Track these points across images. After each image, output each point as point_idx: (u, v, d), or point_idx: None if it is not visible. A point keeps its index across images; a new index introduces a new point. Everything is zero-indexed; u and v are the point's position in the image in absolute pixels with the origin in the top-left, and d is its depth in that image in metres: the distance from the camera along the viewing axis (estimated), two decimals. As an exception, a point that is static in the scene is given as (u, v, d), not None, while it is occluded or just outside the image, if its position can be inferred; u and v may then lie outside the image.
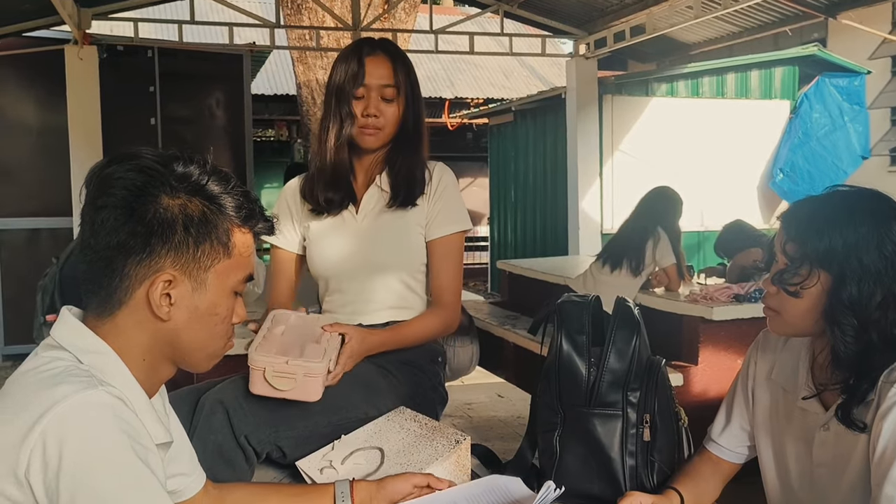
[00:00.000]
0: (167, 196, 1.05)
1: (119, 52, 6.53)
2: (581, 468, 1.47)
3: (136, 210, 1.03)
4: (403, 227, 1.89)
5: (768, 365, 1.48)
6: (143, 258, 1.04)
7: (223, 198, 1.08)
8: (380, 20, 7.85)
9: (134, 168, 1.05)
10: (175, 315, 1.07)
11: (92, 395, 0.95)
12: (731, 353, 3.96)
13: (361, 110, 1.84)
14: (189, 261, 1.06)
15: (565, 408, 1.49)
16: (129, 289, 1.05)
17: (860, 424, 1.25)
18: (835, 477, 1.32)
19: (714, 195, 7.72)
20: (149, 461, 0.97)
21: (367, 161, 1.93)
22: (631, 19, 7.20)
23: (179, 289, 1.06)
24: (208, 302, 1.09)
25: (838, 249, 1.26)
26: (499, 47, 8.40)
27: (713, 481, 1.53)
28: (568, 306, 1.54)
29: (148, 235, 1.03)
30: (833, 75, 8.08)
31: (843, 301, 1.26)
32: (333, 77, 1.88)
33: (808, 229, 1.30)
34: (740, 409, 1.52)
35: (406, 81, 1.88)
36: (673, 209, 4.48)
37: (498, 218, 10.27)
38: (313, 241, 1.94)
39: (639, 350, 1.47)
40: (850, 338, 1.27)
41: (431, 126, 11.42)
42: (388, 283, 1.87)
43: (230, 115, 7.08)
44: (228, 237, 1.09)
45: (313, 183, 1.92)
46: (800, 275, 1.30)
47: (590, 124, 7.74)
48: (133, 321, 1.06)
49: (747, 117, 8.15)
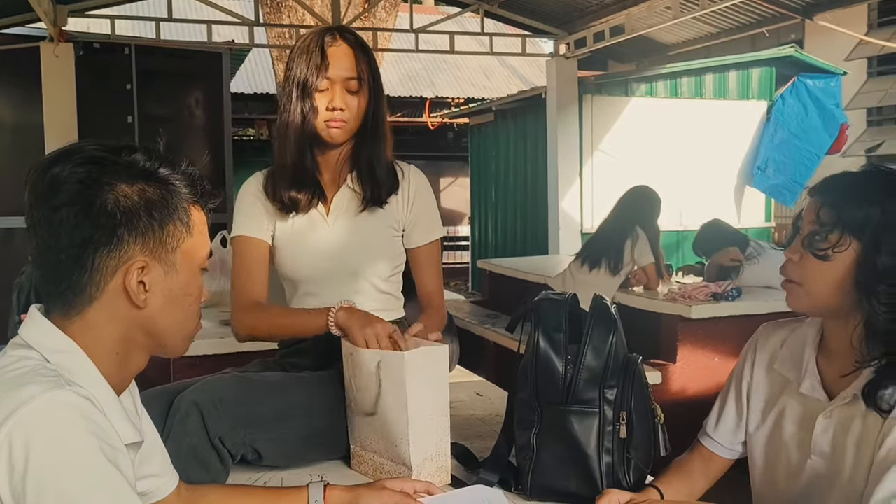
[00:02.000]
0: (124, 183, 1.03)
1: (95, 49, 6.46)
2: (558, 465, 1.47)
3: (96, 202, 1.01)
4: (377, 229, 1.86)
5: (769, 356, 1.48)
6: (111, 249, 1.02)
7: (175, 178, 1.08)
8: (360, 19, 7.84)
9: (82, 161, 1.03)
10: (151, 301, 1.06)
11: (59, 396, 0.93)
12: (709, 350, 4.00)
13: (326, 103, 1.78)
14: (157, 245, 1.05)
15: (542, 405, 1.48)
16: (100, 283, 1.03)
17: (886, 406, 1.24)
18: (830, 469, 1.33)
19: (692, 194, 7.77)
20: (118, 462, 0.95)
21: (332, 157, 1.86)
22: (610, 20, 7.24)
23: (153, 274, 1.05)
24: (181, 283, 1.09)
25: (874, 218, 1.26)
26: (479, 47, 8.40)
27: (702, 477, 1.54)
28: (545, 304, 1.53)
29: (113, 226, 1.02)
30: (810, 76, 8.16)
31: (878, 268, 1.25)
32: (294, 69, 1.79)
33: (846, 196, 1.30)
34: (735, 405, 1.53)
35: (369, 72, 1.82)
36: (651, 208, 4.51)
37: (479, 217, 10.28)
38: (283, 243, 1.88)
39: (615, 347, 1.47)
40: (885, 307, 1.25)
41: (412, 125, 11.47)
42: (363, 287, 1.85)
43: (209, 114, 7.02)
44: (188, 216, 1.09)
45: (276, 181, 1.84)
46: (830, 240, 1.29)
47: (570, 124, 7.77)
48: (106, 315, 1.04)
49: (725, 117, 8.21)
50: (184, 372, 1.82)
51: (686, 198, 7.61)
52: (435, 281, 1.94)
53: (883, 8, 9.13)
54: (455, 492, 1.49)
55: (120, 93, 6.47)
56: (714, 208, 7.21)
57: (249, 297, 1.84)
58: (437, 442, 1.55)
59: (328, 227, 1.86)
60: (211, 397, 1.56)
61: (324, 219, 1.86)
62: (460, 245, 13.74)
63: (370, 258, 1.86)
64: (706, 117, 8.15)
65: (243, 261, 1.87)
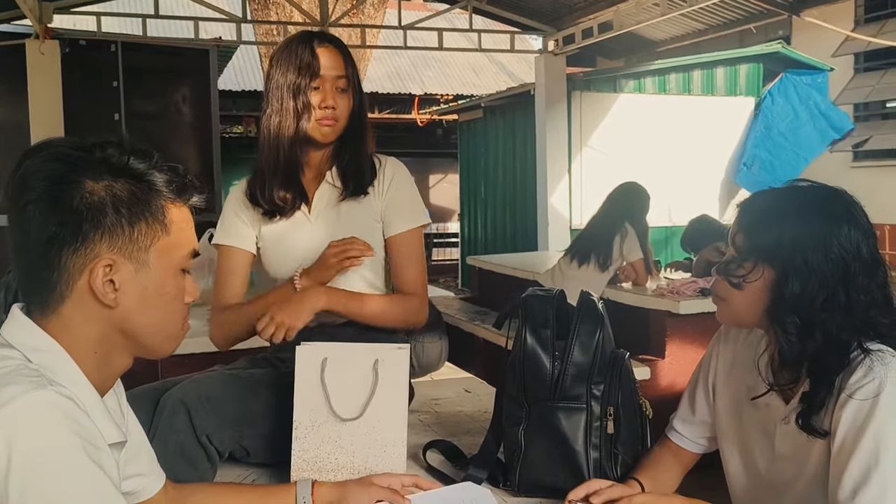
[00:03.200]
0: (90, 180, 1.01)
1: (81, 46, 6.41)
2: (545, 461, 1.47)
3: (61, 199, 0.99)
4: (358, 221, 1.86)
5: (729, 359, 1.48)
6: (77, 247, 1.00)
7: (150, 174, 1.05)
8: (348, 15, 7.82)
9: (49, 158, 1.01)
10: (122, 300, 1.03)
11: (41, 396, 0.92)
12: (698, 346, 4.00)
13: (318, 102, 1.79)
14: (126, 243, 1.02)
15: (530, 401, 1.49)
16: (68, 281, 1.01)
17: (821, 432, 1.25)
18: (797, 469, 1.33)
19: (681, 190, 7.80)
20: (101, 462, 0.94)
21: (317, 156, 1.88)
22: (599, 16, 7.25)
23: (122, 273, 1.02)
24: (155, 282, 1.06)
25: (784, 245, 1.25)
26: (468, 43, 8.41)
27: (674, 470, 1.54)
28: (532, 300, 1.54)
29: (78, 223, 1.00)
30: (797, 72, 8.21)
31: (785, 298, 1.25)
32: (283, 70, 1.79)
33: (758, 222, 1.30)
34: (702, 401, 1.53)
35: (353, 72, 1.86)
36: (640, 204, 4.52)
37: (468, 214, 10.28)
38: (269, 244, 1.89)
39: (602, 343, 1.48)
40: (793, 337, 1.26)
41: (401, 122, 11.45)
42: (348, 280, 1.85)
43: (196, 111, 6.98)
44: (164, 213, 1.06)
45: (263, 183, 1.84)
46: (744, 267, 1.29)
47: (558, 120, 7.78)
48: (80, 315, 1.02)
49: (713, 113, 8.25)
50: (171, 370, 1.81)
51: (674, 194, 7.63)
52: (412, 271, 1.89)
53: (869, 4, 9.17)
54: (443, 489, 1.49)
55: (106, 90, 6.42)
56: (702, 204, 7.24)
57: (222, 305, 1.86)
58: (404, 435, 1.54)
59: (311, 225, 1.87)
60: (198, 395, 1.56)
61: (306, 217, 1.87)
62: (450, 242, 13.74)
63: None
64: (694, 113, 8.18)
65: (221, 271, 1.90)
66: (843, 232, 1.24)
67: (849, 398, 1.21)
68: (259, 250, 1.91)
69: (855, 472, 1.19)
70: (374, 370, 1.49)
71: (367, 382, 1.49)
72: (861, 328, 1.25)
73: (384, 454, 1.50)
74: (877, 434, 1.18)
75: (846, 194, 1.30)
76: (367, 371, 1.49)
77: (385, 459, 1.49)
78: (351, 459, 1.49)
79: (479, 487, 1.49)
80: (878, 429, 1.18)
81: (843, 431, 1.22)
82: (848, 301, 1.24)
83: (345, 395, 1.49)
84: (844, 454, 1.21)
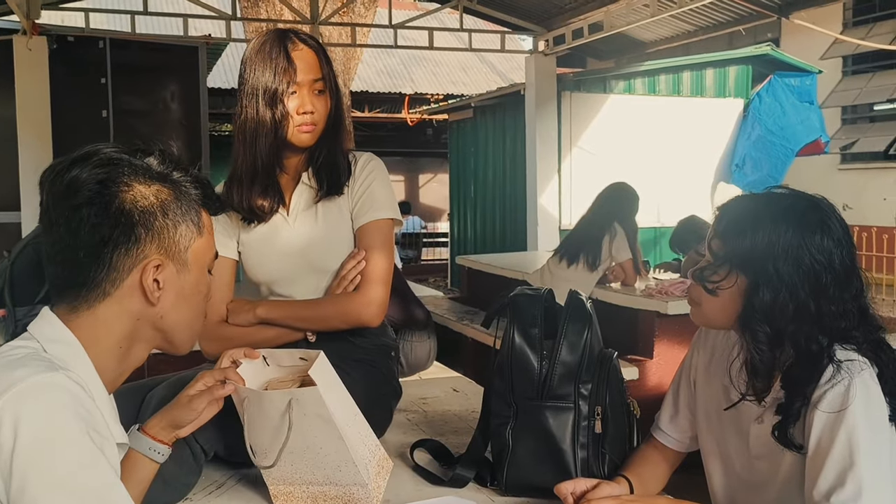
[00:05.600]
0: (141, 185, 1.08)
1: (70, 42, 6.38)
2: (533, 460, 1.46)
3: (114, 203, 1.06)
4: (336, 220, 1.83)
5: (707, 359, 1.49)
6: (129, 247, 1.07)
7: (187, 181, 1.14)
8: (338, 14, 7.80)
9: (100, 163, 1.07)
10: (163, 298, 1.10)
11: (50, 377, 0.96)
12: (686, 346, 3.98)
13: (296, 108, 1.74)
14: (171, 244, 1.10)
15: (518, 400, 1.48)
16: (116, 280, 1.07)
17: (797, 445, 1.25)
18: (772, 468, 1.34)
19: (670, 191, 7.83)
20: (104, 449, 0.96)
21: (294, 160, 1.83)
22: (589, 17, 7.27)
23: (166, 272, 1.10)
24: (192, 281, 1.14)
25: (757, 253, 1.25)
26: (458, 43, 8.42)
27: (661, 468, 1.54)
28: (521, 300, 1.53)
29: (131, 226, 1.06)
30: (785, 74, 8.25)
31: (756, 307, 1.25)
32: (257, 75, 1.73)
33: (734, 228, 1.29)
34: (685, 399, 1.53)
35: (330, 72, 1.80)
36: (629, 205, 4.53)
37: (458, 214, 10.29)
38: (248, 249, 1.86)
39: (591, 343, 1.47)
40: (763, 345, 1.26)
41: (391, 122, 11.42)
42: (330, 281, 1.84)
43: (185, 108, 6.95)
44: (199, 217, 1.15)
45: (241, 190, 1.80)
46: (718, 274, 1.29)
47: (548, 121, 7.79)
48: (117, 311, 1.08)
49: (702, 115, 8.28)
50: (158, 368, 1.79)
51: (663, 194, 7.66)
52: (373, 263, 1.79)
53: (858, 7, 9.24)
54: (427, 502, 1.48)
55: (94, 87, 6.40)
56: (691, 205, 7.26)
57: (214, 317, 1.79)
58: (368, 442, 1.44)
59: (290, 228, 1.84)
60: (183, 393, 1.55)
61: (285, 220, 1.84)
62: (439, 241, 13.74)
63: (333, 250, 1.84)
64: (683, 115, 8.22)
65: None
66: (815, 242, 1.23)
67: (819, 410, 1.21)
68: (240, 255, 1.88)
69: (830, 475, 1.19)
70: (286, 415, 1.33)
71: (284, 427, 1.34)
72: (832, 339, 1.24)
73: (340, 473, 1.39)
74: (850, 435, 1.18)
75: (824, 202, 1.30)
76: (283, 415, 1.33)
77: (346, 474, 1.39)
78: (314, 475, 1.41)
79: (463, 500, 1.47)
80: (851, 430, 1.18)
81: (818, 433, 1.22)
82: (818, 312, 1.23)
83: (266, 438, 1.38)
84: (819, 456, 1.21)
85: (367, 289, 1.79)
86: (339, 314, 1.80)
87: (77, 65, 6.40)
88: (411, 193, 16.51)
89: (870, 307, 1.30)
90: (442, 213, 13.35)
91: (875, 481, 1.17)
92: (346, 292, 1.80)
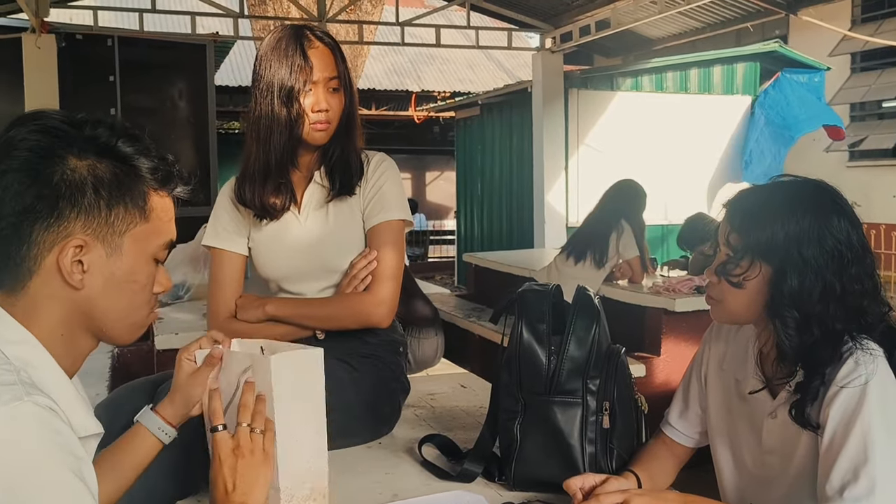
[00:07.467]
0: (74, 157, 0.99)
1: (78, 40, 6.40)
2: (541, 455, 1.47)
3: (42, 172, 0.97)
4: (347, 219, 1.84)
5: (720, 354, 1.49)
6: (50, 223, 0.97)
7: (136, 159, 1.03)
8: (346, 11, 7.80)
9: (38, 129, 0.99)
10: (89, 282, 1.00)
11: (20, 408, 0.88)
12: (693, 343, 4.01)
13: (311, 106, 1.74)
14: (101, 225, 1.00)
15: (526, 396, 1.49)
16: (37, 257, 0.98)
17: (813, 424, 1.26)
18: (784, 463, 1.34)
19: (677, 188, 7.81)
20: (83, 474, 0.90)
21: (308, 158, 1.84)
22: (596, 14, 7.26)
23: (92, 254, 1.00)
24: (125, 268, 1.03)
25: (779, 242, 1.27)
26: (465, 40, 8.41)
27: (669, 464, 1.55)
28: (529, 295, 1.54)
29: (55, 198, 0.97)
30: (793, 71, 8.22)
31: (784, 293, 1.27)
32: (272, 72, 1.72)
33: (750, 220, 1.31)
34: (695, 394, 1.54)
35: (345, 70, 1.80)
36: (637, 202, 4.52)
37: (465, 211, 10.28)
38: (259, 246, 1.87)
39: (598, 338, 1.48)
40: (792, 331, 1.27)
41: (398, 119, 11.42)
42: (339, 280, 1.85)
43: (193, 106, 6.97)
44: (145, 200, 1.04)
45: (254, 187, 1.81)
46: (741, 266, 1.31)
47: (555, 118, 7.78)
48: (46, 292, 0.99)
49: (710, 112, 8.25)
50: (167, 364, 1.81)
51: (671, 192, 7.64)
52: (384, 263, 1.79)
53: (866, 4, 9.21)
54: (435, 496, 1.47)
55: (103, 85, 6.42)
56: (698, 202, 7.26)
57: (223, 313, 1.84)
58: (309, 463, 1.29)
59: (301, 226, 1.85)
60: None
61: (296, 217, 1.85)
62: (446, 239, 13.75)
63: (343, 249, 1.84)
64: (691, 112, 8.19)
65: (216, 276, 1.89)
66: (833, 223, 1.27)
67: (837, 392, 1.23)
68: (250, 251, 1.89)
69: (843, 468, 1.20)
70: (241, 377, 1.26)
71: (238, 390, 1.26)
72: (854, 318, 1.27)
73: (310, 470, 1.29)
74: (865, 431, 1.19)
75: (827, 185, 1.33)
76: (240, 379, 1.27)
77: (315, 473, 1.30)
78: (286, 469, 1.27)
79: (472, 495, 1.47)
80: (867, 425, 1.19)
81: (832, 427, 1.23)
82: (843, 291, 1.26)
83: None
84: (833, 450, 1.22)
85: (378, 289, 1.80)
86: (350, 314, 1.81)
87: (85, 63, 6.42)
88: (418, 191, 16.53)
89: (881, 284, 1.32)
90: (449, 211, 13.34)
91: (889, 477, 1.18)
92: (356, 292, 1.80)
